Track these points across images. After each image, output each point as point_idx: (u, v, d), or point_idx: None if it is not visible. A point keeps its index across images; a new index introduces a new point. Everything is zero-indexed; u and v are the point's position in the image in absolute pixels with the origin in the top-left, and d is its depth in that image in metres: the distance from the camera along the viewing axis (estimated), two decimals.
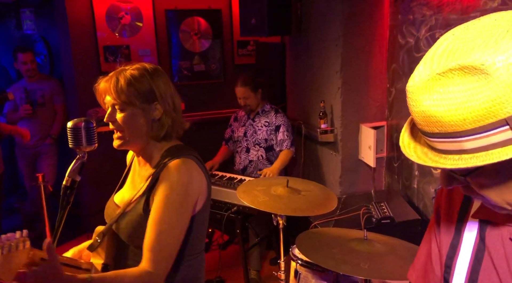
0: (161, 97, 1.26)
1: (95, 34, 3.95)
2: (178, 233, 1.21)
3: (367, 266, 1.34)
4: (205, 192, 1.28)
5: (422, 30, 2.55)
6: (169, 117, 1.28)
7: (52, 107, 4.04)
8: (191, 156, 1.27)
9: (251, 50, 4.47)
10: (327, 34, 3.11)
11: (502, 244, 0.70)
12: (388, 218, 2.45)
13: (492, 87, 0.55)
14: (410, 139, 0.68)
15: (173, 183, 1.20)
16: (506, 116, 0.56)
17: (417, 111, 0.62)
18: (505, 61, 0.55)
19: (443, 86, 0.58)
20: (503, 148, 0.57)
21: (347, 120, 3.07)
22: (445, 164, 0.61)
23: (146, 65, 1.30)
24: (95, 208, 4.12)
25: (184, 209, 1.21)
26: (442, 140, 0.61)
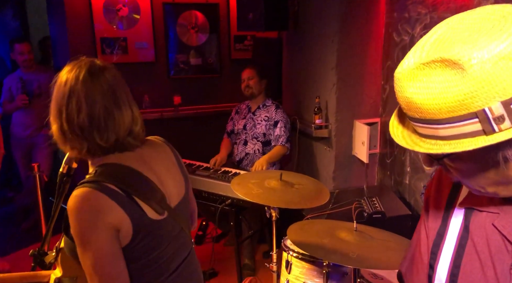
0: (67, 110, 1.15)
1: (92, 26, 3.95)
2: (106, 270, 1.07)
3: (356, 255, 1.38)
4: (128, 226, 1.09)
5: (417, 28, 2.58)
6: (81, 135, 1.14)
7: (49, 99, 4.03)
8: (102, 185, 1.09)
9: (248, 45, 4.48)
10: (323, 31, 3.14)
11: (485, 229, 0.74)
12: (380, 212, 2.49)
13: (466, 82, 0.58)
14: (399, 122, 0.73)
15: (76, 215, 1.07)
16: (477, 110, 0.59)
17: (402, 96, 0.66)
18: (480, 58, 0.58)
19: (426, 75, 0.62)
20: (472, 138, 0.61)
21: (342, 116, 3.11)
22: (422, 147, 0.66)
23: (85, 62, 1.20)
24: None
25: (97, 241, 1.06)
26: (422, 125, 0.66)
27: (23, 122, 3.99)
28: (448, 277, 0.78)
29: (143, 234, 1.12)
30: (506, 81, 0.57)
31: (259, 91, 3.34)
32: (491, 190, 0.69)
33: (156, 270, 1.18)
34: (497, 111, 0.58)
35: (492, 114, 0.59)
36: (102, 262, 1.06)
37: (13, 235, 4.00)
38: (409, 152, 2.76)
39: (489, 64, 0.57)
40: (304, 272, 1.77)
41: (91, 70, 1.17)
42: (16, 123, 4.01)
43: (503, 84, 0.57)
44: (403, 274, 0.95)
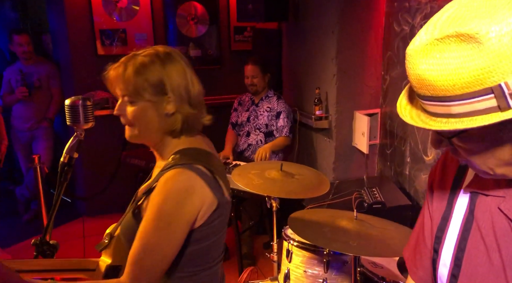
0: (172, 90, 1.11)
1: (91, 18, 3.93)
2: (165, 252, 1.08)
3: (356, 243, 1.39)
4: (209, 206, 1.11)
5: (417, 18, 2.56)
6: (182, 112, 1.14)
7: (48, 91, 4.04)
8: (194, 166, 1.10)
9: (248, 36, 4.47)
10: (323, 21, 3.12)
11: (490, 213, 0.73)
12: (380, 203, 2.50)
13: (483, 56, 0.57)
14: (407, 102, 0.72)
15: (166, 195, 1.07)
16: (493, 85, 0.58)
17: (413, 74, 0.64)
18: (499, 31, 0.56)
19: (440, 51, 0.61)
20: (486, 115, 0.60)
21: (342, 107, 3.10)
22: (433, 125, 0.64)
23: (160, 49, 1.15)
24: (89, 192, 4.16)
25: (175, 225, 1.07)
26: (433, 104, 0.64)
27: (23, 114, 3.99)
28: (452, 261, 0.78)
29: (218, 214, 1.15)
30: None
31: (263, 87, 3.35)
32: (500, 171, 0.68)
33: (209, 255, 1.19)
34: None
35: (508, 90, 0.57)
36: (169, 244, 1.08)
37: (15, 227, 4.02)
38: (409, 143, 2.76)
39: (508, 38, 0.56)
40: (305, 261, 1.78)
41: (172, 55, 1.16)
42: (16, 116, 4.02)
43: None
44: (406, 259, 0.96)
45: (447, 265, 0.79)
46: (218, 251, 1.22)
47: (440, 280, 0.81)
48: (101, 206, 4.17)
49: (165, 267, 1.10)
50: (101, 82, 4.63)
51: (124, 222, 1.19)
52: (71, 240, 3.75)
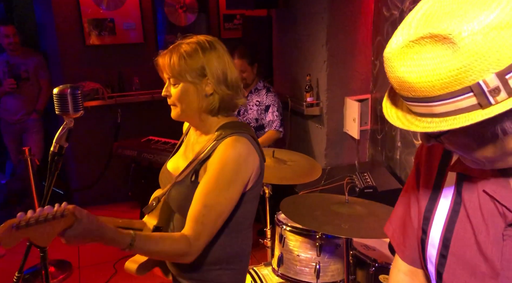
0: (211, 73, 1.26)
1: (78, 7, 3.88)
2: (224, 209, 1.22)
3: (348, 226, 1.41)
4: (258, 170, 1.28)
5: (406, 2, 2.56)
6: (220, 93, 1.28)
7: (37, 82, 3.99)
8: (245, 133, 1.27)
9: (237, 24, 4.43)
10: (313, 7, 3.11)
11: (477, 195, 0.75)
12: (371, 187, 2.52)
13: (458, 56, 0.57)
14: (392, 103, 0.72)
15: (227, 159, 1.21)
16: (471, 83, 0.58)
17: (393, 76, 0.65)
18: (471, 30, 0.57)
19: (416, 53, 0.61)
20: (468, 113, 0.60)
21: (333, 94, 3.11)
22: (418, 126, 0.65)
23: (202, 38, 1.30)
24: (81, 184, 4.15)
25: (234, 186, 1.22)
26: (416, 104, 0.65)
27: (12, 107, 3.95)
28: (441, 242, 0.79)
29: (261, 178, 1.31)
30: (498, 52, 0.56)
31: (253, 79, 3.24)
32: (489, 165, 0.69)
33: (250, 218, 1.34)
34: (492, 83, 0.57)
35: (487, 87, 0.58)
36: (227, 203, 1.22)
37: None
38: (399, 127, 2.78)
39: (480, 36, 0.56)
40: (298, 245, 1.80)
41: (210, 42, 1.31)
42: (5, 108, 3.97)
43: (496, 55, 0.56)
44: (391, 237, 0.97)
45: (436, 246, 0.80)
46: (254, 214, 1.37)
47: (429, 260, 0.82)
48: (94, 197, 4.16)
49: (221, 224, 1.23)
50: (90, 72, 4.61)
51: (176, 190, 1.30)
52: None
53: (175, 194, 1.30)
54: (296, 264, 1.81)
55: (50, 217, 1.01)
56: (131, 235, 1.11)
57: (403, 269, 0.94)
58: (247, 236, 1.36)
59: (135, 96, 4.06)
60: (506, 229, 0.71)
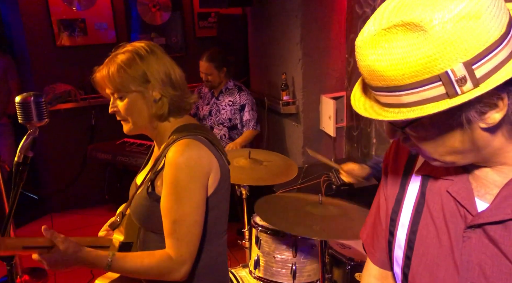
0: (154, 78, 1.21)
1: (47, 7, 3.77)
2: (193, 218, 1.17)
3: (319, 227, 1.41)
4: (216, 173, 1.22)
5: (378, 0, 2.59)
6: (167, 95, 1.23)
7: (6, 85, 3.86)
8: (196, 135, 1.22)
9: (212, 22, 4.40)
10: (287, 5, 3.11)
11: (440, 196, 0.75)
12: (347, 184, 2.55)
13: (428, 44, 0.58)
14: (361, 94, 0.71)
15: (178, 166, 1.15)
16: (440, 72, 0.59)
17: (364, 65, 0.64)
18: (441, 19, 0.57)
19: (388, 41, 0.61)
20: (435, 102, 0.61)
21: (308, 92, 3.12)
22: (386, 116, 0.65)
23: (137, 45, 1.24)
24: (55, 187, 4.05)
25: (194, 192, 1.17)
26: (385, 94, 0.64)
27: None
28: (406, 243, 0.80)
29: (223, 180, 1.25)
30: (467, 41, 0.57)
31: (219, 82, 3.21)
32: (449, 159, 0.69)
33: (221, 224, 1.30)
34: (459, 73, 0.58)
35: (454, 76, 0.58)
36: (194, 210, 1.17)
37: None
38: (375, 124, 2.81)
39: (450, 24, 0.57)
40: (273, 247, 1.80)
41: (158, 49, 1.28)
42: None
43: (464, 45, 0.57)
44: (364, 242, 0.98)
45: (402, 247, 0.81)
46: (225, 219, 1.33)
47: (396, 261, 0.83)
48: (70, 201, 4.07)
49: (199, 231, 1.19)
50: (62, 74, 4.50)
51: (135, 202, 1.27)
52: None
53: (134, 207, 1.27)
54: (272, 266, 1.81)
55: None
56: (108, 257, 1.11)
57: (374, 273, 0.95)
58: (221, 245, 1.32)
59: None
60: (465, 230, 0.71)
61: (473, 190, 0.72)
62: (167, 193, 1.17)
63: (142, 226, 1.28)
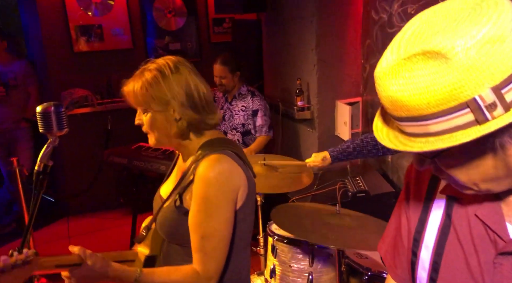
0: (174, 100, 1.21)
1: (65, 14, 3.83)
2: (222, 234, 1.18)
3: (334, 236, 1.40)
4: (245, 187, 1.22)
5: (395, 5, 2.56)
6: (186, 118, 1.23)
7: (25, 90, 3.94)
8: (225, 150, 1.22)
9: (227, 27, 4.42)
10: (302, 11, 3.10)
11: (467, 219, 0.73)
12: (363, 191, 2.52)
13: (452, 72, 0.56)
14: (383, 124, 0.69)
15: (208, 181, 1.16)
16: (467, 99, 0.57)
17: (385, 96, 0.63)
18: (464, 45, 0.56)
19: (408, 71, 0.60)
20: (465, 130, 0.59)
21: (323, 97, 3.10)
22: (413, 147, 0.63)
23: (163, 63, 1.24)
24: (72, 191, 4.10)
25: (223, 208, 1.17)
26: (410, 124, 0.62)
27: (0, 115, 3.89)
28: (430, 265, 0.77)
29: (251, 194, 1.25)
30: (493, 66, 0.55)
31: (233, 86, 3.22)
32: (484, 186, 0.67)
33: (247, 236, 1.29)
34: (488, 99, 0.56)
35: (483, 102, 0.56)
36: (223, 226, 1.18)
37: None
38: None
39: (474, 50, 0.56)
40: (290, 256, 1.79)
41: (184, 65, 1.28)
42: None
43: (490, 70, 0.56)
44: (383, 257, 0.96)
45: (426, 269, 0.79)
46: (251, 232, 1.33)
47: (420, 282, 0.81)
48: (85, 205, 4.12)
49: (226, 247, 1.20)
50: (79, 79, 4.56)
51: (162, 215, 1.27)
52: (56, 241, 3.70)
53: (161, 220, 1.27)
54: (289, 275, 1.80)
55: (9, 268, 1.03)
56: (136, 272, 1.13)
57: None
58: (245, 258, 1.32)
59: (124, 103, 3.97)
60: (497, 257, 0.69)
61: (504, 215, 0.70)
62: (196, 208, 1.17)
63: (168, 238, 1.28)
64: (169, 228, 1.26)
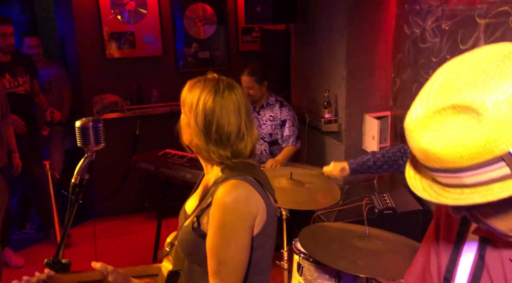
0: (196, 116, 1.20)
1: (99, 21, 3.94)
2: (239, 259, 1.17)
3: (363, 263, 1.37)
4: (263, 214, 1.20)
5: (428, 21, 2.52)
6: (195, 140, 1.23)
7: (59, 93, 4.06)
8: (246, 177, 1.20)
9: (255, 36, 4.44)
10: (332, 23, 3.09)
11: (502, 263, 0.72)
12: (391, 208, 2.49)
13: (484, 126, 0.56)
14: (415, 172, 0.69)
15: (226, 208, 1.15)
16: (501, 153, 0.57)
17: (416, 147, 0.63)
18: (495, 100, 0.56)
19: (439, 123, 0.60)
20: (502, 182, 0.58)
21: (351, 110, 3.08)
22: (448, 198, 0.63)
23: (214, 80, 1.25)
24: (100, 194, 4.20)
25: (241, 234, 1.16)
26: (444, 175, 0.62)
27: None
28: None
29: (270, 221, 1.23)
30: None
31: (260, 96, 3.25)
32: None
33: (265, 262, 1.28)
34: None
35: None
36: (240, 252, 1.17)
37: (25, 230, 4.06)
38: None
39: (505, 105, 0.56)
40: (316, 275, 1.78)
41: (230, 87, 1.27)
42: None
43: None
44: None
45: None
46: (270, 259, 1.31)
47: None
48: (111, 208, 4.20)
49: (243, 272, 1.19)
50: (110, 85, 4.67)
51: (181, 236, 1.28)
52: (83, 243, 3.79)
53: (180, 240, 1.28)
54: None
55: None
56: None
57: None
58: (260, 282, 1.29)
59: (153, 109, 4.10)
60: None
61: None
62: (213, 234, 1.17)
63: (187, 258, 1.29)
64: (186, 248, 1.26)
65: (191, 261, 1.28)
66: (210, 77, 1.28)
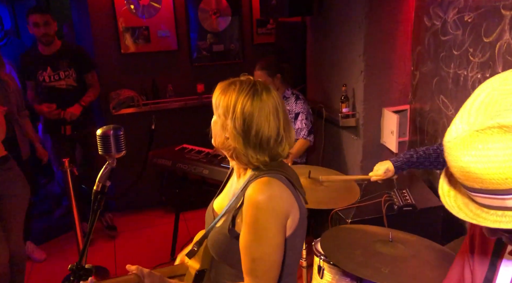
0: (234, 121, 1.18)
1: (114, 16, 3.93)
2: (273, 257, 1.16)
3: (388, 271, 1.35)
4: (296, 213, 1.19)
5: (450, 12, 2.45)
6: (232, 143, 1.20)
7: None
8: (278, 174, 1.19)
9: (270, 28, 4.38)
10: (350, 16, 3.02)
11: None
12: (410, 205, 2.45)
13: None
14: (449, 187, 0.67)
15: (258, 205, 1.14)
16: None
17: (456, 166, 0.61)
18: None
19: (482, 142, 0.57)
20: None
21: (370, 105, 3.03)
22: (488, 219, 0.60)
23: (251, 84, 1.23)
24: (117, 189, 4.24)
25: (274, 231, 1.15)
26: (484, 196, 0.60)
27: None
28: None
29: (302, 221, 1.22)
30: None
31: (275, 89, 3.20)
32: None
33: (295, 262, 1.27)
34: None
35: None
36: (273, 250, 1.16)
37: (47, 224, 4.15)
38: (440, 140, 2.67)
39: None
40: (337, 279, 1.76)
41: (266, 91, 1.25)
42: None
43: None
44: None
45: None
46: (296, 263, 1.30)
47: None
48: (129, 202, 4.25)
49: (278, 271, 1.18)
50: (126, 80, 4.66)
51: (214, 236, 1.27)
52: (101, 237, 3.85)
53: (213, 241, 1.28)
54: None
55: None
56: None
57: None
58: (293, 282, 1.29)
59: (169, 103, 4.10)
60: None
61: None
62: (246, 232, 1.16)
63: (219, 259, 1.28)
64: (219, 249, 1.26)
65: (222, 261, 1.28)
66: (244, 79, 1.25)
